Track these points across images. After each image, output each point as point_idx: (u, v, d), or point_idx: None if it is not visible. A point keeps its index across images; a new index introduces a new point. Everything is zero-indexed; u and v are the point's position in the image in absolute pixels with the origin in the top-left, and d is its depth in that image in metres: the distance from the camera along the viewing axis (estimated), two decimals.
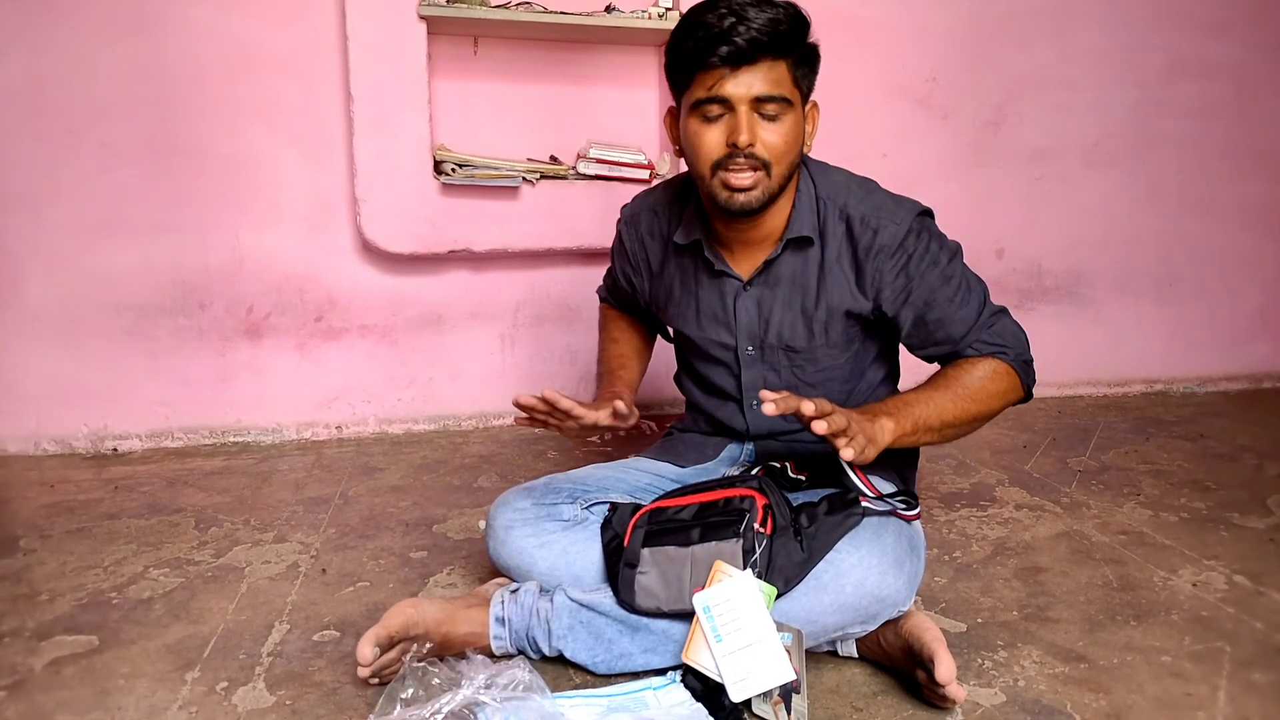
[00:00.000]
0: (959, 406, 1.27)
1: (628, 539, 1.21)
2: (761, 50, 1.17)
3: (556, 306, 2.65)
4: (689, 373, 1.56)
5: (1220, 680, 1.20)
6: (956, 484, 2.07)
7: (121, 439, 2.40)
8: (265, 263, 2.42)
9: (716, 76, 1.19)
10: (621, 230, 1.53)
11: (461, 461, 2.29)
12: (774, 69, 1.20)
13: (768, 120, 1.22)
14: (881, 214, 1.32)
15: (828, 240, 1.34)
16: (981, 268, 2.99)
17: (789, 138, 1.23)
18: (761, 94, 1.19)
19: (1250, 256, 3.14)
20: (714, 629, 1.06)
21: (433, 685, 1.08)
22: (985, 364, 1.31)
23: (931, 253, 1.32)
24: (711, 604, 1.07)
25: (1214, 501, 1.93)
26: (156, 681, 1.22)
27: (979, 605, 1.44)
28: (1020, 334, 1.35)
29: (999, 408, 1.32)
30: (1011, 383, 1.32)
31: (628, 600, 1.18)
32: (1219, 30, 2.97)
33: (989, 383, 1.30)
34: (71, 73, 2.23)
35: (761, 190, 1.24)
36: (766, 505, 1.14)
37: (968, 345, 1.32)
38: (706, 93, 1.21)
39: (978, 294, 1.34)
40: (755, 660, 1.04)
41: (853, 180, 1.37)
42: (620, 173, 2.47)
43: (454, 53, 2.46)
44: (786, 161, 1.25)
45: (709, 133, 1.23)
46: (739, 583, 1.07)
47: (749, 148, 1.21)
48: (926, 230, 1.33)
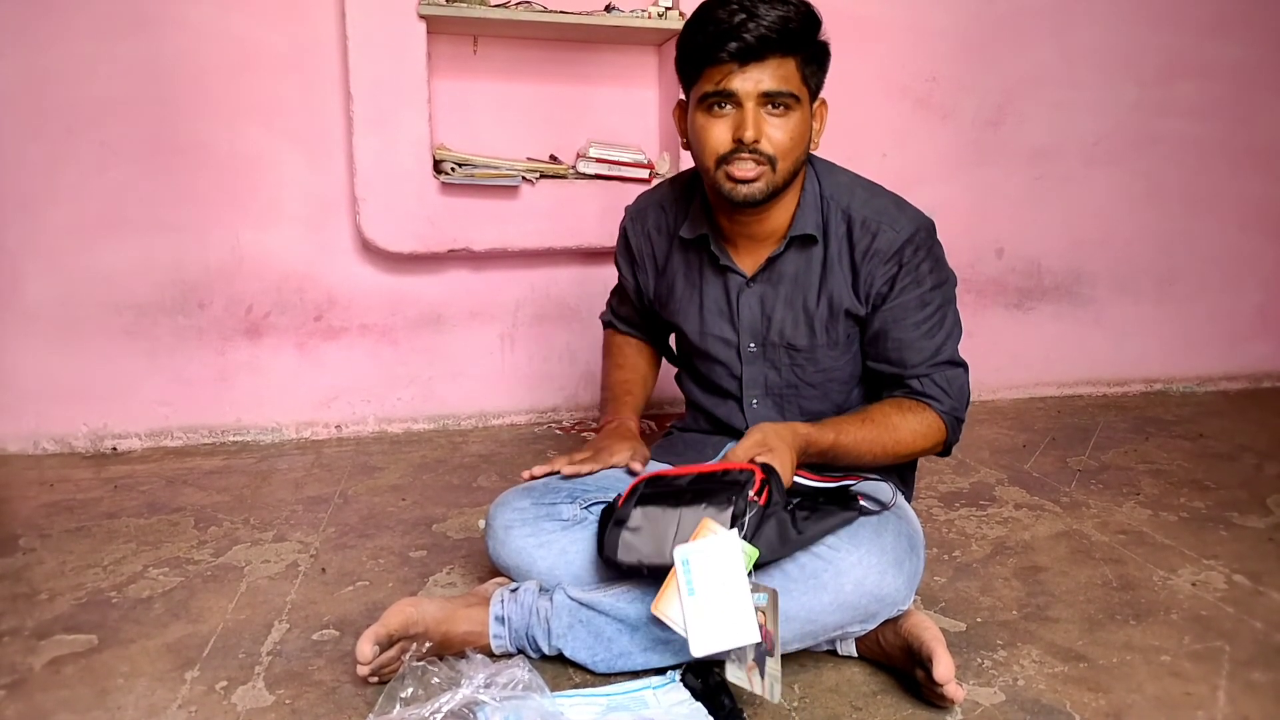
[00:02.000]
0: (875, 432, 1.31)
1: (622, 501, 1.21)
2: (771, 47, 1.18)
3: (556, 306, 2.65)
4: (689, 371, 1.56)
5: (1220, 680, 1.21)
6: (956, 483, 2.07)
7: (121, 438, 2.40)
8: (265, 262, 2.42)
9: (725, 71, 1.20)
10: (626, 226, 1.52)
11: (461, 461, 2.30)
12: (782, 65, 1.20)
13: (774, 116, 1.22)
14: (883, 219, 1.32)
15: (830, 239, 1.34)
16: (981, 267, 3.03)
17: (795, 134, 1.24)
18: (769, 90, 1.20)
19: (1250, 256, 3.14)
20: (689, 582, 1.03)
21: (432, 684, 1.08)
22: (913, 405, 1.34)
23: (919, 273, 1.32)
24: (690, 557, 1.05)
25: (1213, 501, 1.93)
26: (156, 681, 1.22)
27: (978, 604, 1.44)
28: (965, 392, 1.36)
29: (916, 450, 1.35)
30: (935, 431, 1.34)
31: (610, 555, 1.16)
32: (1219, 29, 2.97)
33: (909, 424, 1.32)
34: (71, 73, 2.23)
35: (765, 183, 1.25)
36: (764, 480, 1.13)
37: (912, 377, 1.34)
38: (714, 87, 1.21)
39: (946, 333, 1.35)
40: (724, 617, 1.02)
41: (858, 182, 1.38)
42: (620, 172, 2.47)
43: (454, 52, 2.46)
44: (792, 158, 1.25)
45: (715, 126, 1.24)
46: (722, 540, 1.05)
47: (754, 143, 1.21)
48: (924, 247, 1.32)
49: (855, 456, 1.30)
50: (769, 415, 1.44)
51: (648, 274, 1.51)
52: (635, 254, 1.51)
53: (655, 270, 1.50)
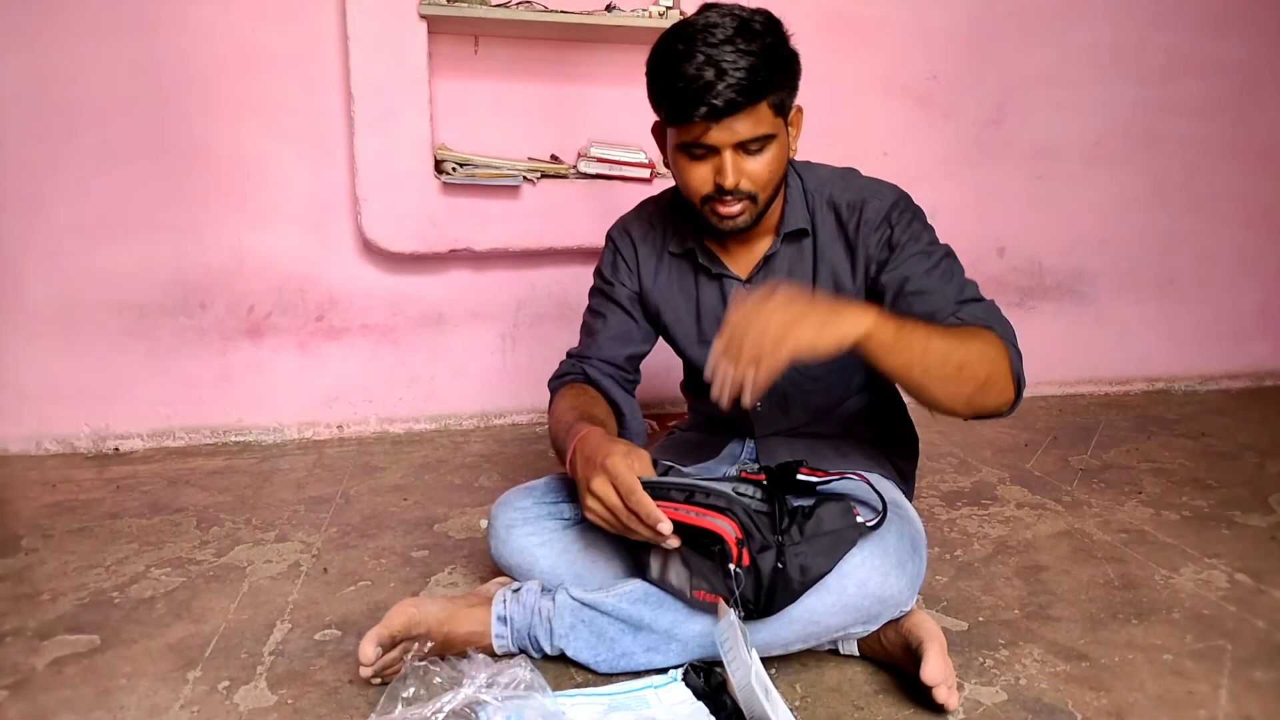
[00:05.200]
0: (946, 344, 1.13)
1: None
2: (741, 104, 1.17)
3: (557, 305, 2.65)
4: (691, 378, 1.55)
5: (1222, 678, 1.20)
6: (958, 482, 2.07)
7: (123, 438, 2.40)
8: (266, 262, 2.42)
9: (699, 129, 1.19)
10: (614, 237, 1.49)
11: (463, 461, 2.30)
12: (754, 112, 1.19)
13: (752, 155, 1.23)
14: (865, 194, 1.34)
15: (819, 230, 1.36)
16: (983, 266, 3.03)
17: (774, 164, 1.25)
18: (743, 139, 1.20)
19: (1252, 254, 3.13)
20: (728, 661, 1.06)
21: (434, 684, 1.08)
22: (972, 328, 1.19)
23: (914, 229, 1.31)
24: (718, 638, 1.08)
25: (1215, 500, 1.93)
26: (158, 681, 1.22)
27: (980, 604, 1.44)
28: (1008, 323, 1.24)
29: (984, 375, 1.14)
30: (999, 352, 1.17)
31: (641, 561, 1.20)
32: (1221, 28, 2.96)
33: (976, 340, 1.16)
34: (72, 73, 2.23)
35: (750, 214, 1.27)
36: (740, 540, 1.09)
37: (944, 319, 1.22)
38: (690, 139, 1.22)
39: (961, 278, 1.29)
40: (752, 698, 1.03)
41: (835, 172, 1.40)
42: (621, 172, 2.47)
43: (455, 52, 2.46)
44: (773, 184, 1.27)
45: (696, 170, 1.24)
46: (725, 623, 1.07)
47: (735, 188, 1.22)
48: (910, 210, 1.33)
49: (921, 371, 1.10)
50: (775, 416, 1.44)
51: (638, 285, 1.49)
52: (627, 263, 1.47)
53: (644, 285, 1.47)
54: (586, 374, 1.43)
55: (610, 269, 1.48)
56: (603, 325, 1.47)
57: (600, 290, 1.49)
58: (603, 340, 1.46)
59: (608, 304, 1.47)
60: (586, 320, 1.51)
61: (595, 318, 1.49)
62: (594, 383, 1.42)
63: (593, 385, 1.42)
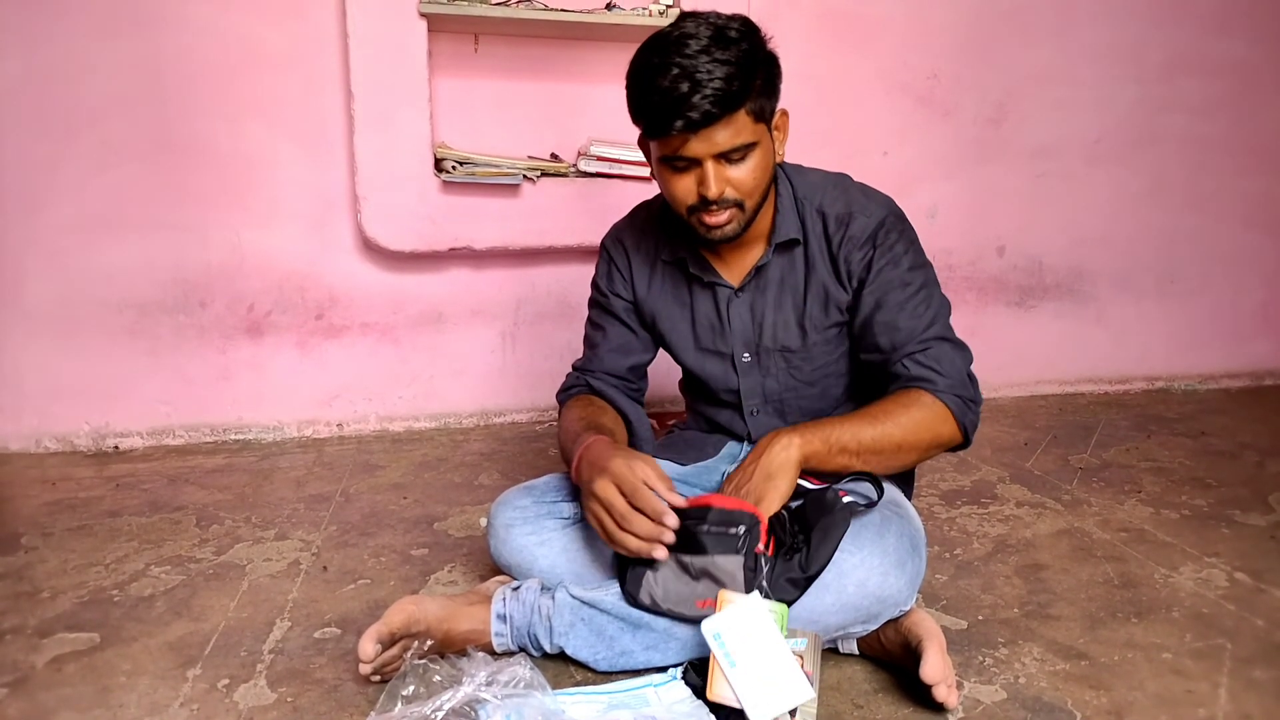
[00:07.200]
0: (879, 429, 1.22)
1: None
2: (718, 114, 1.16)
3: (557, 304, 2.65)
4: (689, 380, 1.56)
5: (1221, 677, 1.20)
6: (958, 481, 2.07)
7: (123, 436, 2.40)
8: (266, 260, 2.42)
9: (679, 141, 1.19)
10: (608, 246, 1.49)
11: (462, 459, 2.30)
12: (732, 121, 1.18)
13: (735, 164, 1.22)
14: (854, 208, 1.33)
15: (810, 238, 1.36)
16: (982, 265, 3.02)
17: (758, 171, 1.24)
18: (724, 149, 1.19)
19: (1252, 253, 3.13)
20: (727, 655, 1.04)
21: (434, 682, 1.08)
22: (910, 394, 1.27)
23: (895, 253, 1.31)
24: (721, 630, 1.05)
25: (1215, 499, 1.93)
26: (158, 679, 1.22)
27: (980, 602, 1.44)
28: (960, 367, 1.28)
29: (928, 440, 1.25)
30: (939, 414, 1.25)
31: (631, 593, 1.18)
32: (1221, 26, 2.96)
33: (914, 409, 1.24)
34: (71, 71, 2.23)
35: (737, 222, 1.26)
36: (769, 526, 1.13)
37: (898, 360, 1.29)
38: (671, 152, 1.21)
39: (932, 314, 1.30)
40: (773, 681, 1.02)
41: (827, 179, 1.39)
42: (621, 170, 2.47)
43: (455, 50, 2.46)
44: (759, 191, 1.26)
45: (680, 182, 1.24)
46: (747, 607, 1.05)
47: (720, 197, 1.22)
48: (896, 230, 1.32)
49: (863, 462, 1.23)
50: (770, 420, 1.45)
51: (632, 292, 1.49)
52: (620, 272, 1.48)
53: (638, 292, 1.47)
54: (591, 386, 1.46)
55: (605, 280, 1.49)
56: (603, 338, 1.49)
57: (597, 302, 1.51)
58: (604, 353, 1.49)
59: (606, 316, 1.49)
60: (588, 332, 1.53)
61: (595, 330, 1.51)
62: (599, 394, 1.45)
63: (598, 396, 1.45)
